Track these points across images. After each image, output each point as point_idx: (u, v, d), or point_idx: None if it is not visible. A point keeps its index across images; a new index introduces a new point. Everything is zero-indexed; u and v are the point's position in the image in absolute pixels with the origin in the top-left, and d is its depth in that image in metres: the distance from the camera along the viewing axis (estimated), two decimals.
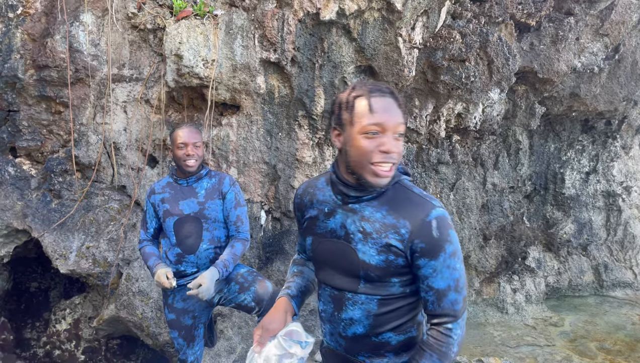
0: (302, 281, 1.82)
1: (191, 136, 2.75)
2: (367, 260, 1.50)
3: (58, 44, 3.59)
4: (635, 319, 5.44)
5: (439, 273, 1.45)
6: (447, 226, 1.45)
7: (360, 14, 3.63)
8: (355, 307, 1.56)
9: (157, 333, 3.70)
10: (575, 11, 4.92)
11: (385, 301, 1.54)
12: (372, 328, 1.56)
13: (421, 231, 1.44)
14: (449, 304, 1.47)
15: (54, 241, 3.74)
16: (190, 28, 3.55)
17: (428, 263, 1.45)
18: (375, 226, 1.49)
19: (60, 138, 3.86)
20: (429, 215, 1.45)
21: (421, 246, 1.44)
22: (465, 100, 4.48)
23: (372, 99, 1.43)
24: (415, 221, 1.45)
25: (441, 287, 1.46)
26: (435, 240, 1.43)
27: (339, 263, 1.58)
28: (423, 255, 1.44)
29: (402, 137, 1.47)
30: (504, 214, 5.55)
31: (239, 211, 2.88)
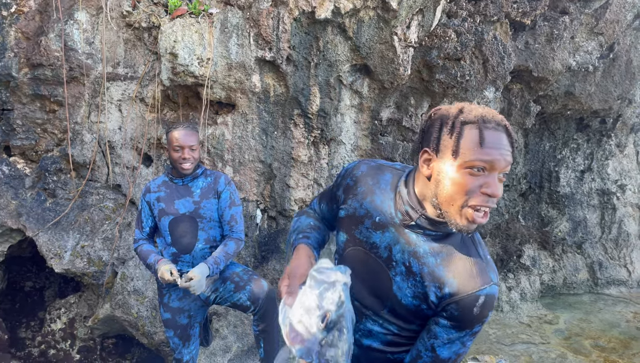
0: (320, 236, 1.67)
1: (187, 138, 2.73)
2: (400, 297, 1.38)
3: (52, 42, 3.58)
4: (630, 317, 5.46)
5: (451, 344, 1.34)
6: (489, 308, 1.31)
7: (356, 13, 3.63)
8: (375, 324, 1.47)
9: (152, 333, 3.69)
10: (570, 10, 4.93)
11: (404, 329, 1.45)
12: (389, 346, 1.48)
13: (464, 301, 1.29)
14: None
15: (48, 240, 3.72)
16: (185, 26, 3.54)
17: (448, 330, 1.33)
18: (424, 270, 1.34)
19: (55, 137, 3.85)
20: (481, 289, 1.30)
21: (454, 314, 1.31)
22: (461, 99, 4.48)
23: (486, 132, 1.22)
24: (463, 287, 1.30)
25: (443, 356, 1.36)
26: (472, 316, 1.30)
27: (370, 281, 1.45)
28: (450, 319, 1.32)
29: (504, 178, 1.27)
30: (499, 212, 5.57)
31: (234, 210, 2.88)
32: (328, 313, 1.27)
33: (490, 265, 1.35)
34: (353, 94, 4.00)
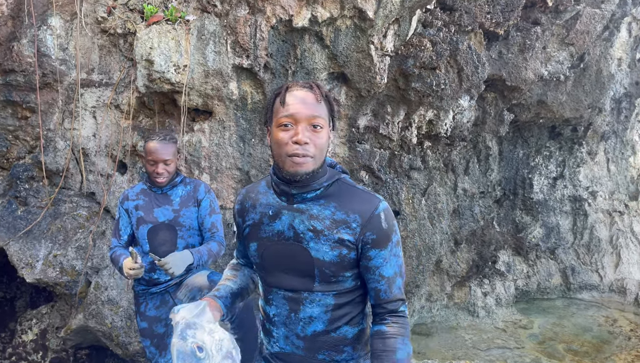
0: (234, 285, 1.80)
1: (162, 153, 2.68)
2: (321, 257, 1.53)
3: (25, 48, 3.52)
4: (602, 321, 5.58)
5: (388, 261, 1.54)
6: (392, 218, 1.54)
7: (333, 22, 3.66)
8: (313, 305, 1.58)
9: (127, 343, 3.63)
10: (541, 21, 5.05)
11: (340, 295, 1.58)
12: (331, 323, 1.60)
13: (371, 223, 1.50)
14: (397, 289, 1.56)
15: (19, 249, 3.64)
16: (161, 33, 3.52)
17: (379, 253, 1.52)
18: (326, 223, 1.52)
19: (27, 144, 3.78)
20: (377, 208, 1.52)
21: (372, 237, 1.50)
22: (436, 107, 4.54)
23: (287, 94, 1.49)
24: (365, 215, 1.51)
25: (390, 275, 1.55)
26: (384, 231, 1.51)
27: (291, 264, 1.58)
28: (374, 246, 1.51)
29: (321, 129, 1.47)
30: (474, 219, 5.64)
31: (214, 218, 2.86)
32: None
33: (371, 191, 1.59)
34: None
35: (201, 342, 1.43)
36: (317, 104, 1.48)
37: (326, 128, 1.50)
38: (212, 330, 1.47)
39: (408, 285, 4.69)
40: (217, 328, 1.49)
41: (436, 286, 5.29)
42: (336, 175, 1.58)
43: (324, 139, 1.49)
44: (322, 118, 1.48)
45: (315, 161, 1.48)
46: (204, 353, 1.42)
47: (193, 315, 1.48)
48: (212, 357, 1.43)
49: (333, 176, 1.56)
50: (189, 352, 1.42)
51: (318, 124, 1.47)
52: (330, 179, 1.55)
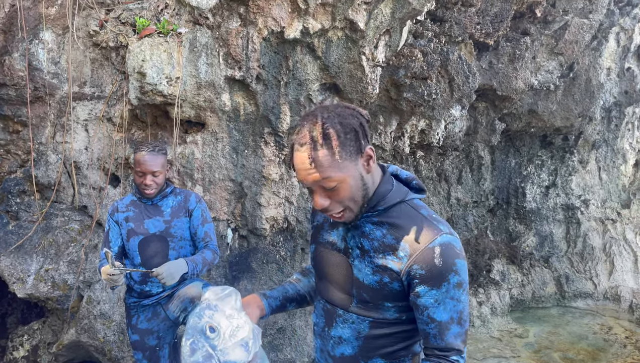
0: (292, 288, 1.75)
1: (151, 164, 2.63)
2: (362, 279, 1.42)
3: (17, 62, 3.52)
4: (597, 328, 5.58)
5: (442, 304, 1.34)
6: (453, 255, 1.33)
7: (324, 33, 3.69)
8: (345, 325, 1.49)
9: (119, 357, 3.59)
10: (531, 31, 5.12)
11: (378, 324, 1.44)
12: (362, 351, 1.47)
13: (422, 256, 1.33)
14: (452, 338, 1.36)
15: (10, 264, 3.61)
16: (153, 46, 3.53)
17: (429, 292, 1.34)
18: (374, 244, 1.40)
19: (18, 158, 3.76)
20: (433, 241, 1.33)
21: (421, 272, 1.33)
22: (428, 117, 4.57)
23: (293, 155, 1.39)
24: (416, 245, 1.34)
25: (444, 319, 1.35)
26: (437, 268, 1.32)
27: (335, 276, 1.51)
28: (423, 282, 1.33)
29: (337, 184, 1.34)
30: (468, 228, 5.65)
31: (207, 227, 2.84)
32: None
33: (438, 219, 1.41)
34: None
35: (216, 324, 1.40)
36: (310, 166, 1.30)
37: (344, 176, 1.32)
38: (232, 316, 1.42)
39: None
40: (239, 315, 1.44)
41: None
42: (400, 197, 1.42)
43: (345, 192, 1.34)
44: (327, 177, 1.31)
45: (354, 207, 1.37)
46: (216, 333, 1.38)
47: (217, 297, 1.45)
48: (223, 340, 1.39)
49: (395, 198, 1.41)
50: (200, 329, 1.39)
51: (326, 186, 1.32)
52: (390, 202, 1.40)
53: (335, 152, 1.30)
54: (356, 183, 1.34)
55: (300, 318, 4.15)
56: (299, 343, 4.07)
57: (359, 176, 1.35)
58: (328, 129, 1.30)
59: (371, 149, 1.36)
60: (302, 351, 4.06)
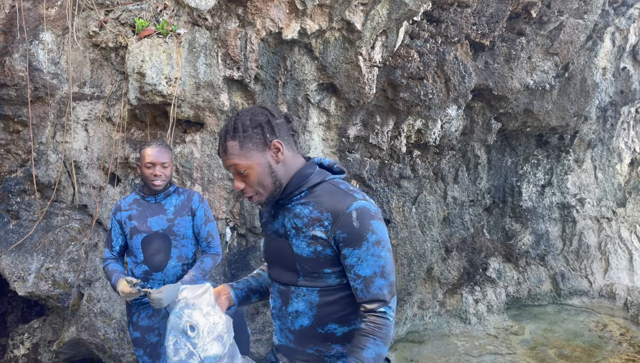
0: (254, 281, 1.92)
1: (160, 156, 2.74)
2: (300, 253, 1.59)
3: (17, 62, 3.55)
4: (592, 326, 5.63)
5: (364, 261, 1.53)
6: (368, 217, 1.53)
7: (322, 34, 3.73)
8: (299, 299, 1.64)
9: (120, 355, 3.63)
10: (526, 31, 5.16)
11: (325, 292, 1.61)
12: (317, 320, 1.63)
13: (341, 221, 1.52)
14: (377, 289, 1.54)
15: (11, 262, 3.64)
16: (152, 46, 3.57)
17: (352, 252, 1.52)
18: (304, 220, 1.59)
19: (19, 158, 3.79)
20: (349, 207, 1.52)
21: (343, 236, 1.52)
22: (425, 116, 4.62)
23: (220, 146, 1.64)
24: (336, 213, 1.53)
25: (367, 274, 1.53)
26: (356, 229, 1.51)
27: (281, 258, 1.68)
28: (346, 244, 1.52)
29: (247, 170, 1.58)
30: (464, 226, 5.70)
31: (209, 226, 2.91)
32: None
33: (354, 190, 1.60)
34: (321, 113, 4.08)
35: (195, 322, 1.51)
36: (224, 154, 1.57)
37: (253, 164, 1.56)
38: (209, 313, 1.54)
39: (400, 293, 4.72)
40: (214, 312, 1.56)
41: (428, 294, 5.33)
42: (320, 178, 1.63)
43: (255, 177, 1.57)
44: (238, 163, 1.56)
45: (263, 192, 1.60)
46: (195, 332, 1.50)
47: (194, 295, 1.56)
48: (203, 338, 1.50)
49: (316, 179, 1.62)
50: (181, 329, 1.50)
51: (239, 170, 1.57)
52: (312, 183, 1.61)
53: (240, 142, 1.55)
54: (264, 170, 1.57)
55: None
56: None
57: (266, 164, 1.58)
58: (237, 123, 1.57)
59: (278, 143, 1.57)
60: None
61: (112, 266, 2.81)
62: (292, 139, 1.65)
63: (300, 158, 1.68)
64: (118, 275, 2.75)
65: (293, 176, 1.62)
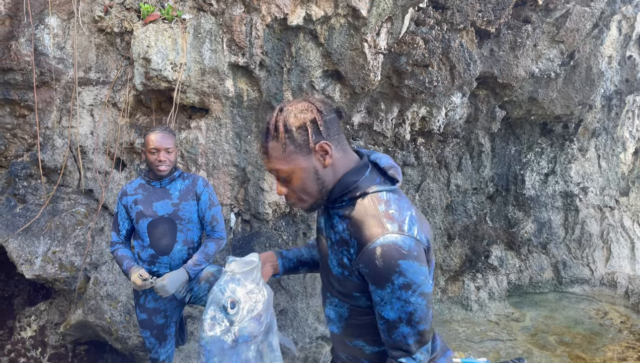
0: (307, 252, 1.80)
1: (164, 141, 2.76)
2: (331, 268, 1.47)
3: (23, 47, 3.56)
4: (593, 314, 5.67)
5: (388, 303, 1.32)
6: (395, 256, 1.28)
7: (327, 20, 3.72)
8: (331, 307, 1.54)
9: (126, 337, 3.68)
10: (532, 19, 5.13)
11: (355, 310, 1.47)
12: (345, 333, 1.52)
13: (364, 256, 1.32)
14: (400, 337, 1.35)
15: (18, 246, 3.68)
16: (158, 32, 3.57)
17: (375, 290, 1.33)
18: (336, 237, 1.43)
19: (25, 142, 3.82)
20: (374, 241, 1.30)
21: (365, 271, 1.33)
22: (429, 104, 4.62)
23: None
24: (362, 244, 1.33)
25: (391, 318, 1.34)
26: (379, 269, 1.29)
27: (323, 260, 1.56)
28: (369, 280, 1.34)
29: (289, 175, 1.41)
30: (467, 214, 5.72)
31: (214, 210, 2.94)
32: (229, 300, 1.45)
33: (392, 216, 1.34)
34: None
35: (237, 299, 1.43)
36: (265, 156, 1.40)
37: (295, 168, 1.37)
38: (252, 291, 1.46)
39: None
40: (258, 289, 1.49)
41: None
42: (363, 189, 1.40)
43: (298, 183, 1.39)
44: (279, 169, 1.38)
45: (307, 199, 1.42)
46: (235, 310, 1.42)
47: (242, 271, 1.47)
48: (242, 316, 1.43)
49: (358, 191, 1.40)
50: (222, 305, 1.42)
51: (280, 176, 1.40)
52: (353, 194, 1.40)
53: (283, 144, 1.35)
54: (308, 175, 1.38)
55: (302, 300, 4.24)
56: (300, 325, 4.17)
57: (312, 169, 1.38)
58: (279, 122, 1.36)
59: (327, 144, 1.36)
60: (304, 332, 4.15)
61: (122, 252, 2.87)
62: (342, 136, 1.44)
63: (352, 156, 1.46)
64: (130, 262, 2.83)
65: (339, 179, 1.41)
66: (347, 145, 1.45)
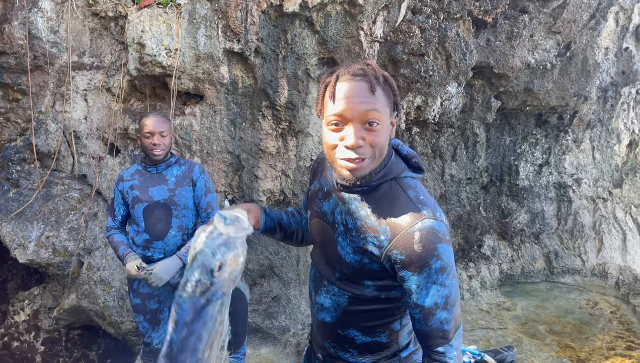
0: (287, 218, 1.79)
1: (158, 125, 2.79)
2: (344, 256, 1.43)
3: (16, 30, 3.53)
4: (583, 304, 5.73)
5: (424, 289, 1.30)
6: (434, 240, 1.28)
7: (323, 7, 3.70)
8: (328, 295, 1.52)
9: (119, 322, 3.70)
10: (529, 9, 5.12)
11: (356, 299, 1.46)
12: (339, 321, 1.52)
13: (401, 241, 1.29)
14: (438, 324, 1.32)
15: (12, 230, 3.68)
16: (152, 17, 3.55)
17: (411, 277, 1.30)
18: (357, 224, 1.38)
19: (18, 126, 3.80)
20: (413, 226, 1.29)
21: (401, 258, 1.30)
22: (424, 93, 4.62)
23: (338, 86, 1.31)
24: (397, 230, 1.30)
25: (428, 305, 1.31)
26: (417, 254, 1.27)
27: (324, 248, 1.53)
28: (404, 267, 1.30)
29: (378, 125, 1.29)
30: (461, 204, 5.75)
31: (209, 197, 2.96)
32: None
33: (424, 202, 1.34)
34: None
35: (225, 262, 1.37)
36: (371, 95, 1.28)
37: (385, 121, 1.31)
38: (238, 254, 1.40)
39: None
40: (242, 250, 1.42)
41: None
42: (394, 173, 1.38)
43: (381, 137, 1.30)
44: (379, 112, 1.29)
45: (372, 161, 1.32)
46: (220, 272, 1.36)
47: (236, 235, 1.40)
48: (224, 279, 1.38)
49: (388, 175, 1.38)
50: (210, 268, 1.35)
51: (374, 120, 1.28)
52: (382, 179, 1.37)
53: (387, 96, 1.33)
54: (387, 133, 1.33)
55: (295, 287, 4.26)
56: (293, 312, 4.19)
57: (389, 130, 1.35)
58: (379, 75, 1.33)
59: (396, 116, 1.38)
60: (296, 319, 4.18)
61: (117, 237, 2.90)
62: None
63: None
64: (125, 249, 2.86)
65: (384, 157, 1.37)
66: None
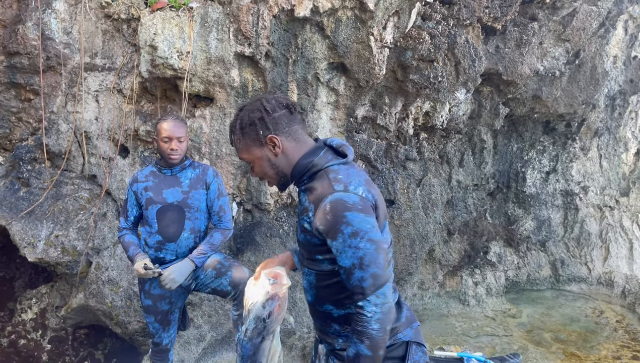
0: None
1: (176, 130, 2.80)
2: (298, 237, 1.73)
3: (30, 31, 3.57)
4: (589, 312, 5.71)
5: (342, 252, 1.53)
6: (342, 209, 1.51)
7: (334, 12, 3.72)
8: (304, 277, 1.77)
9: (126, 322, 3.72)
10: (539, 17, 5.12)
11: (320, 275, 1.69)
12: (316, 299, 1.74)
13: (318, 214, 1.56)
14: (357, 281, 1.52)
15: (21, 229, 3.71)
16: (165, 19, 3.58)
17: (332, 243, 1.54)
18: (300, 208, 1.70)
19: (30, 126, 3.83)
20: (324, 199, 1.55)
21: (321, 228, 1.55)
22: (433, 99, 4.62)
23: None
24: (316, 205, 1.58)
25: (347, 265, 1.53)
26: (330, 222, 1.52)
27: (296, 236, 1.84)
28: (325, 235, 1.55)
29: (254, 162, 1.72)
30: (467, 210, 5.74)
31: (222, 201, 2.98)
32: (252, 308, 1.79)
33: (340, 180, 1.58)
34: (330, 92, 4.10)
35: (272, 311, 1.77)
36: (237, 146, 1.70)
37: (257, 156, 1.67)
38: (282, 304, 1.81)
39: (400, 273, 4.79)
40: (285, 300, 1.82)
41: (428, 275, 5.41)
42: (318, 166, 1.65)
43: (258, 168, 1.70)
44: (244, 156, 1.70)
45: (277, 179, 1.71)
46: (270, 318, 1.78)
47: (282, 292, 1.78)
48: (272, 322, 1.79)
49: (314, 168, 1.65)
50: (260, 317, 1.76)
51: (249, 161, 1.71)
52: (311, 172, 1.65)
53: (240, 139, 1.68)
54: (265, 163, 1.68)
55: (301, 291, 4.27)
56: (299, 315, 4.21)
57: (266, 158, 1.67)
58: (236, 121, 1.68)
59: (274, 138, 1.63)
60: (302, 322, 4.19)
61: (129, 238, 2.92)
62: (294, 128, 1.67)
63: (306, 144, 1.70)
64: (136, 249, 2.88)
65: (296, 163, 1.67)
66: (301, 135, 1.69)
